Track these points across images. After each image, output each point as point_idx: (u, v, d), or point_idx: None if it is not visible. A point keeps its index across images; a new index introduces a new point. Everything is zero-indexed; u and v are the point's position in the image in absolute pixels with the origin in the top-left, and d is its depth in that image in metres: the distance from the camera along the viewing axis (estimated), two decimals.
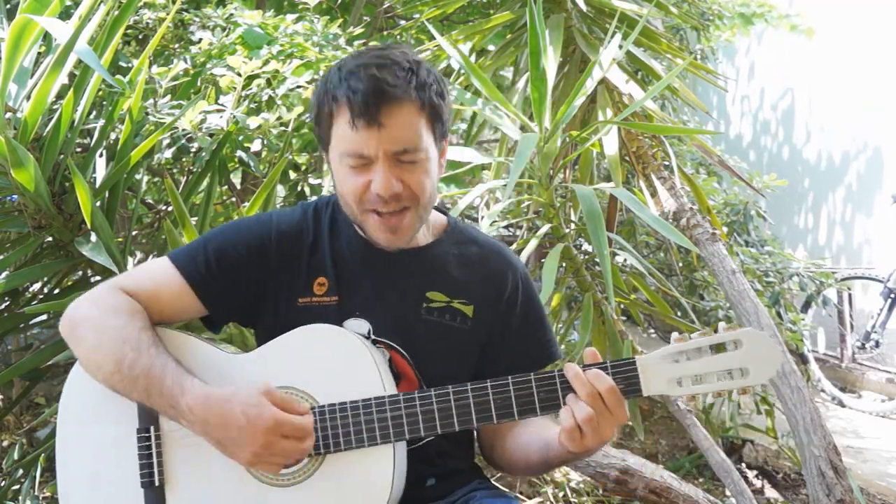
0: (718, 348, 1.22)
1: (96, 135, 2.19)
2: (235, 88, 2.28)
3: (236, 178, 3.00)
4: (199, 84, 2.46)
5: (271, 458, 1.20)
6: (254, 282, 1.39)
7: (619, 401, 1.20)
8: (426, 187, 1.32)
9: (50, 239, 2.13)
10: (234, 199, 2.88)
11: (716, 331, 1.23)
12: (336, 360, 1.30)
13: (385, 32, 3.56)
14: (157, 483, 1.29)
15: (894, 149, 5.13)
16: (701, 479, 3.36)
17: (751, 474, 3.46)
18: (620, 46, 2.47)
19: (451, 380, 1.28)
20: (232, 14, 2.59)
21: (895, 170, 5.12)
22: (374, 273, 1.40)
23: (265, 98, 2.35)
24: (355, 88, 1.24)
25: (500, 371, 1.27)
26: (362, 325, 1.38)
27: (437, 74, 1.34)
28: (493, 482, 1.53)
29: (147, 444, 1.30)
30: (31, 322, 2.37)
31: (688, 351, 1.23)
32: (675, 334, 1.25)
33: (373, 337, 1.37)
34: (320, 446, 1.26)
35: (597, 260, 2.32)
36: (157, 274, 1.39)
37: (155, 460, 1.30)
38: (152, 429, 1.30)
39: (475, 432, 1.50)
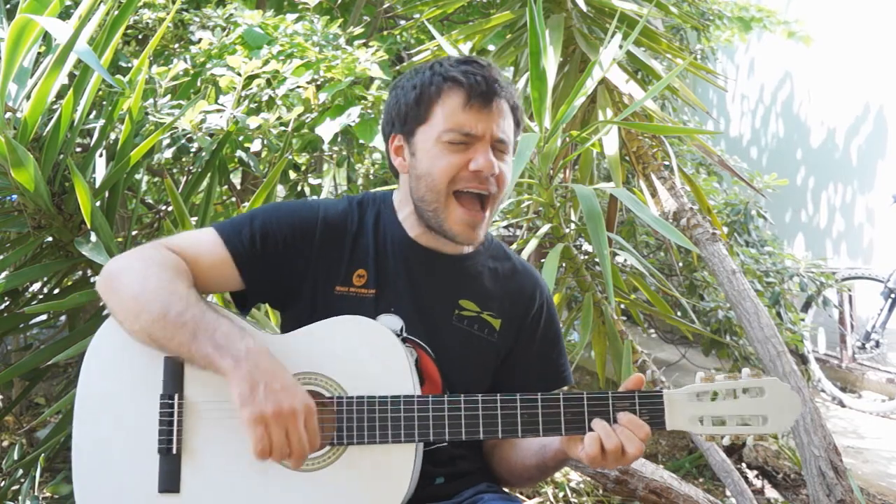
0: (741, 393, 1.26)
1: (96, 135, 2.19)
2: (235, 88, 2.28)
3: (236, 178, 3.00)
4: (199, 84, 2.46)
5: (278, 431, 1.17)
6: (295, 264, 1.39)
7: (648, 440, 1.26)
8: (509, 182, 1.40)
9: (50, 239, 2.13)
10: (234, 199, 2.88)
11: (740, 375, 1.27)
12: (369, 354, 1.30)
13: (385, 32, 3.56)
14: (174, 451, 1.28)
15: (894, 139, 5.14)
16: (701, 479, 3.36)
17: (751, 474, 3.45)
18: (620, 46, 2.47)
19: (473, 387, 1.30)
20: (232, 14, 2.59)
21: (895, 159, 5.14)
22: (412, 273, 1.42)
23: (265, 98, 2.35)
24: (475, 73, 1.34)
25: (511, 386, 1.30)
26: (396, 322, 1.39)
27: None
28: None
29: (169, 411, 1.29)
30: (31, 322, 2.37)
31: (711, 392, 1.26)
32: (699, 373, 1.28)
33: (404, 335, 1.38)
34: (344, 436, 1.26)
35: (597, 260, 2.32)
36: (200, 240, 1.38)
37: (175, 428, 1.29)
38: (177, 397, 1.29)
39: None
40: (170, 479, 1.28)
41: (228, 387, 1.19)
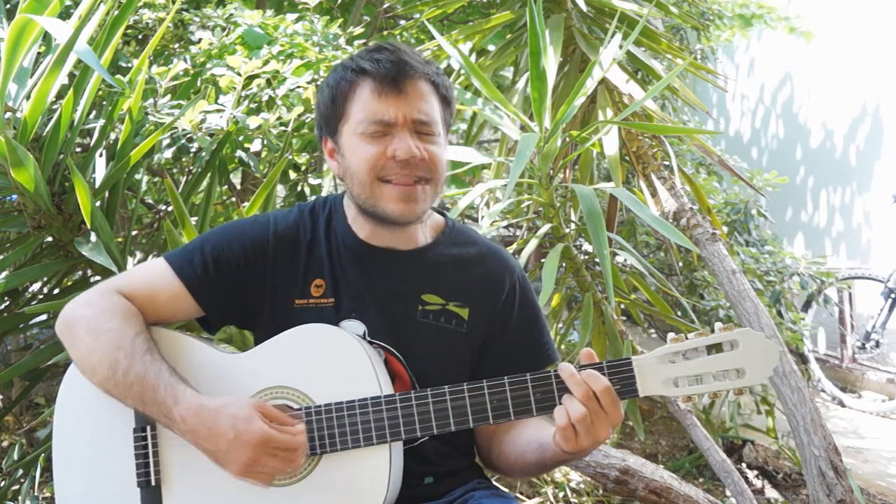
0: (715, 348, 1.22)
1: (96, 135, 2.19)
2: (235, 88, 2.28)
3: (236, 178, 3.00)
4: (199, 84, 2.46)
5: (259, 473, 1.20)
6: (250, 284, 1.38)
7: (614, 401, 1.19)
8: (442, 162, 1.36)
9: (50, 239, 2.13)
10: (234, 199, 2.88)
11: (713, 331, 1.23)
12: (332, 360, 1.29)
13: (385, 32, 3.56)
14: (153, 483, 1.29)
15: (894, 135, 5.14)
16: (701, 479, 3.36)
17: (751, 474, 3.46)
18: (620, 46, 2.47)
19: (446, 382, 1.27)
20: (232, 14, 2.59)
21: (894, 158, 5.14)
22: (369, 274, 1.40)
23: (265, 98, 2.35)
24: (381, 60, 1.31)
25: (495, 373, 1.27)
26: (358, 327, 1.37)
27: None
28: (493, 482, 1.52)
29: (143, 443, 1.30)
30: (30, 322, 2.36)
31: (684, 351, 1.22)
32: (671, 334, 1.25)
33: (368, 339, 1.37)
34: (317, 446, 1.26)
35: (597, 260, 2.32)
36: (152, 276, 1.38)
37: (151, 460, 1.29)
38: (149, 428, 1.30)
39: (473, 433, 1.49)
40: None
41: None
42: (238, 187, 2.97)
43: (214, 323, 1.44)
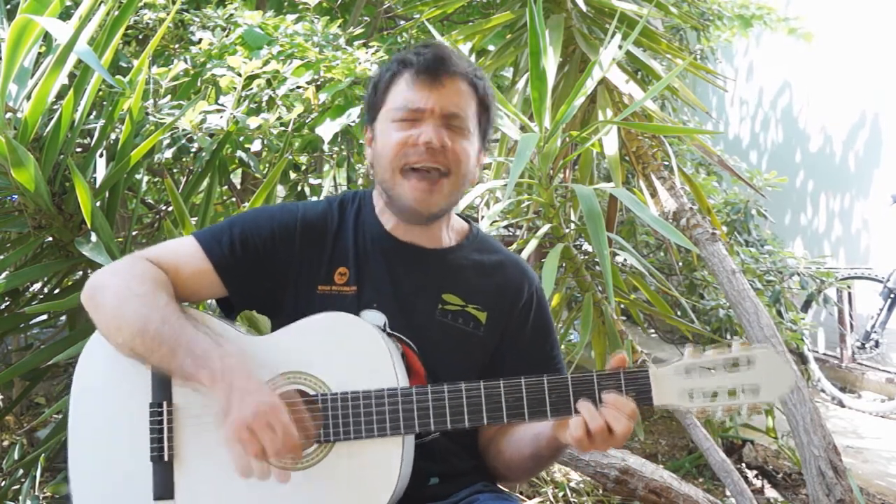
0: (731, 365, 1.23)
1: (96, 135, 2.19)
2: (235, 88, 2.28)
3: (236, 178, 3.00)
4: (199, 84, 2.46)
5: (262, 429, 1.16)
6: (275, 267, 1.40)
7: (635, 413, 1.22)
8: (467, 158, 1.38)
9: (50, 239, 2.13)
10: (234, 199, 2.88)
11: (730, 347, 1.25)
12: (351, 349, 1.30)
13: (385, 32, 3.56)
14: (165, 458, 1.29)
15: (893, 142, 5.14)
16: (701, 479, 3.36)
17: (751, 474, 3.46)
18: (620, 46, 2.47)
19: (459, 381, 1.28)
20: (232, 14, 2.59)
21: (894, 163, 5.14)
22: (393, 268, 1.42)
23: (265, 98, 2.35)
24: (423, 53, 1.36)
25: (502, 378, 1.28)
26: (379, 318, 1.38)
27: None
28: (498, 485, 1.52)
29: (159, 418, 1.30)
30: (31, 322, 2.37)
31: (701, 365, 1.24)
32: (688, 347, 1.26)
33: (388, 330, 1.38)
34: (330, 434, 1.26)
35: (597, 260, 2.32)
36: (180, 251, 1.39)
37: (165, 435, 1.29)
38: (165, 404, 1.30)
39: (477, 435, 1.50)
40: (164, 486, 1.29)
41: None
42: (238, 187, 2.97)
43: (237, 304, 1.44)
